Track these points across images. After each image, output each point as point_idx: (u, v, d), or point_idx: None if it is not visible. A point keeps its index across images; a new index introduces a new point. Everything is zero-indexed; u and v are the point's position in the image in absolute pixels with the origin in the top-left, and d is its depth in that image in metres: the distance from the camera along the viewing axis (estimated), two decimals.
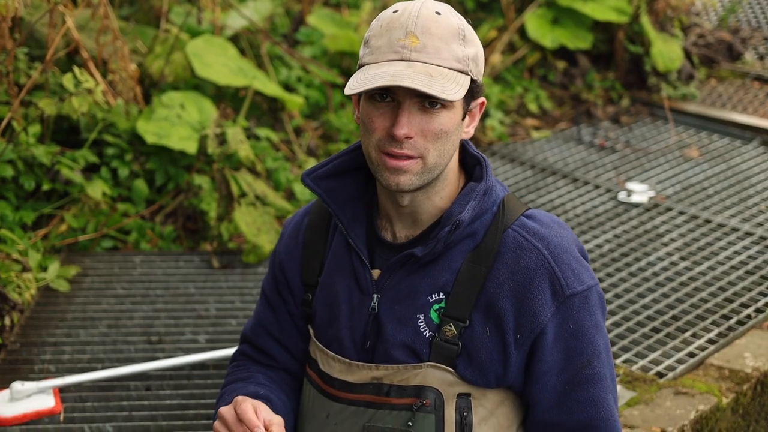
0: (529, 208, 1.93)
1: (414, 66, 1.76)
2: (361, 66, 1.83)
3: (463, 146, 1.93)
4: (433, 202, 1.89)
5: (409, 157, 1.80)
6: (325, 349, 1.97)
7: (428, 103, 1.78)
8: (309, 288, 2.02)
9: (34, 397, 2.81)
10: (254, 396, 1.97)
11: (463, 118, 1.86)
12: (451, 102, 1.79)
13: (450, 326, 1.86)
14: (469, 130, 1.89)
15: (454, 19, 1.83)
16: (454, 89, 1.77)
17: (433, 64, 1.77)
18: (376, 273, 1.92)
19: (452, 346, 1.86)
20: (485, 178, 1.89)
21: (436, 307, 1.87)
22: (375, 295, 1.91)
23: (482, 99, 1.90)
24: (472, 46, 1.84)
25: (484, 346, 1.85)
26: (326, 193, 1.94)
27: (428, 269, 1.88)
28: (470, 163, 1.94)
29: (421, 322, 1.88)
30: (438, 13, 1.81)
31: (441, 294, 1.87)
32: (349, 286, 1.94)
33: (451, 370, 1.87)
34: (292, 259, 2.05)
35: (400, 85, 1.73)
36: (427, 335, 1.87)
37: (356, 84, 1.78)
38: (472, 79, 1.82)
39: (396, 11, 1.82)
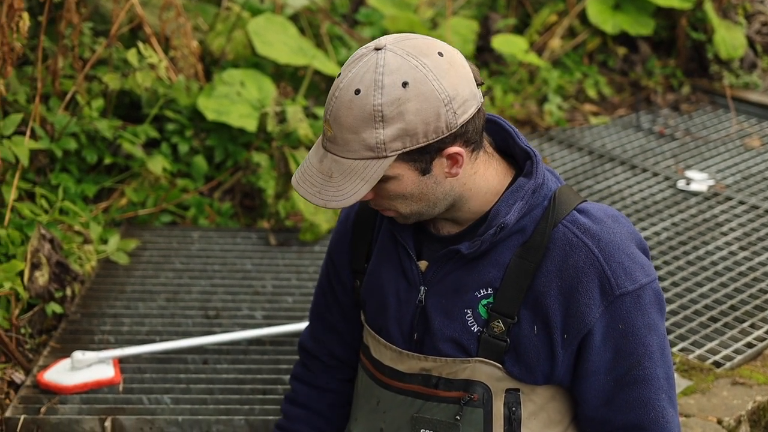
0: (584, 201, 1.85)
1: (324, 159, 1.74)
2: None
3: (513, 138, 1.86)
4: (470, 208, 1.83)
5: (385, 209, 1.82)
6: (377, 335, 1.96)
7: None
8: (357, 274, 2.01)
9: (94, 366, 2.85)
10: None
11: (426, 173, 1.74)
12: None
13: (498, 322, 1.82)
14: (453, 171, 1.75)
15: (372, 98, 1.67)
16: (351, 190, 1.71)
17: (341, 157, 1.72)
18: (423, 264, 1.89)
19: (500, 342, 1.83)
20: (534, 176, 1.81)
21: (484, 302, 1.84)
22: (422, 288, 1.88)
23: (456, 149, 1.73)
24: (398, 121, 1.67)
25: (532, 345, 1.82)
26: None
27: (475, 264, 1.84)
28: (521, 155, 1.86)
29: (469, 317, 1.85)
30: (357, 92, 1.67)
31: (489, 289, 1.83)
32: (395, 277, 1.92)
33: (500, 365, 1.84)
34: (342, 244, 2.03)
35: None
36: (475, 330, 1.84)
37: (297, 173, 1.79)
38: (413, 147, 1.70)
39: (338, 75, 1.73)
